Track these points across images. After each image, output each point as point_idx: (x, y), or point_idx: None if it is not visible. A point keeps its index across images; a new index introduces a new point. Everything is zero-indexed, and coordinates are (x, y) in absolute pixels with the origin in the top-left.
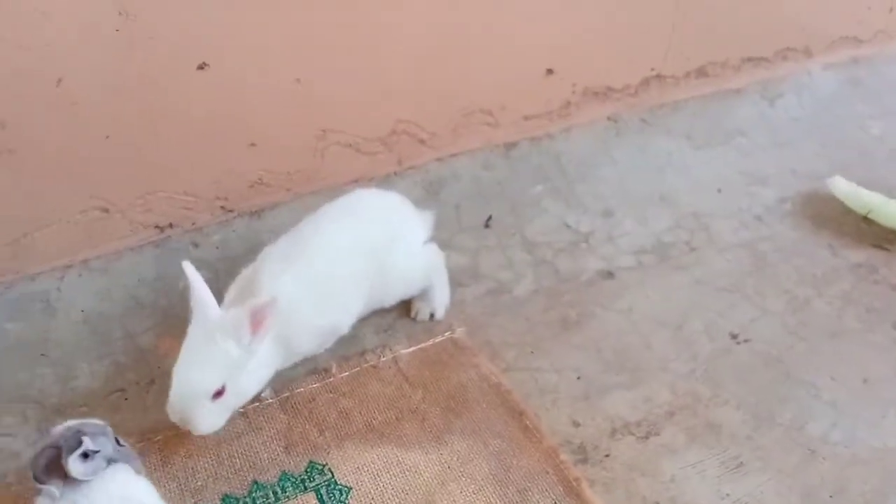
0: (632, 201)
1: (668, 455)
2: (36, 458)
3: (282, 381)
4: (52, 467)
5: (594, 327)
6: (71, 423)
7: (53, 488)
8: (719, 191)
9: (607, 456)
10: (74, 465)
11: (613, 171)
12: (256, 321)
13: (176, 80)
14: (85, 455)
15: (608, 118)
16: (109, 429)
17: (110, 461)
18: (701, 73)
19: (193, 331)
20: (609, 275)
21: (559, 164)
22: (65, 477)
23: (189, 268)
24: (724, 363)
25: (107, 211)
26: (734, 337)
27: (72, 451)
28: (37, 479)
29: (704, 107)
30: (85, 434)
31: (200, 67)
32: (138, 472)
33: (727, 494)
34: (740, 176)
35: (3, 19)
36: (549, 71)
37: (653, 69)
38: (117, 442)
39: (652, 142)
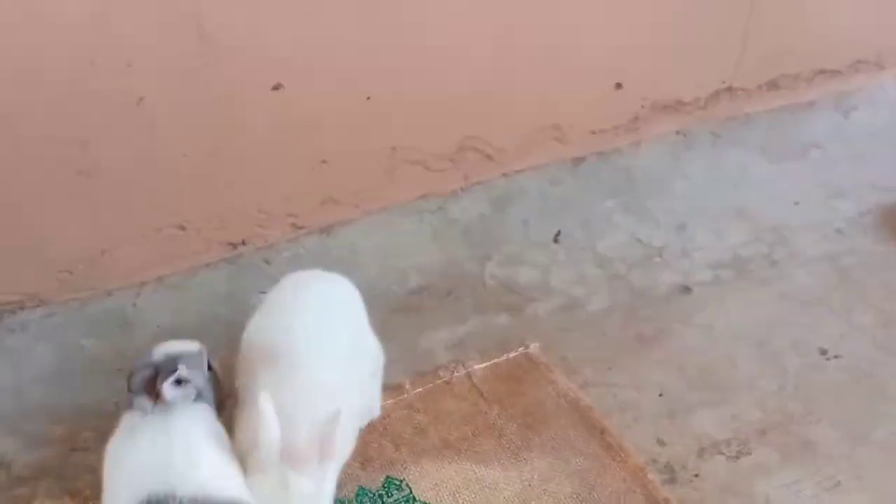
0: (706, 215)
1: (761, 475)
2: (133, 374)
3: None
4: (147, 386)
5: (674, 343)
6: (172, 345)
7: (146, 402)
8: (797, 204)
9: (696, 476)
10: (168, 389)
11: (685, 186)
12: (327, 444)
13: (251, 100)
14: (178, 381)
15: (677, 132)
16: (205, 350)
17: (199, 394)
18: (773, 85)
19: (257, 477)
20: (686, 289)
21: (629, 178)
22: (156, 398)
23: (266, 402)
24: (815, 380)
25: (183, 228)
26: (823, 353)
27: (167, 375)
28: (130, 391)
29: (777, 120)
30: (181, 362)
31: (275, 88)
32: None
33: None
34: (818, 189)
35: (86, 41)
36: (618, 85)
37: (723, 82)
38: (209, 366)
39: (724, 155)
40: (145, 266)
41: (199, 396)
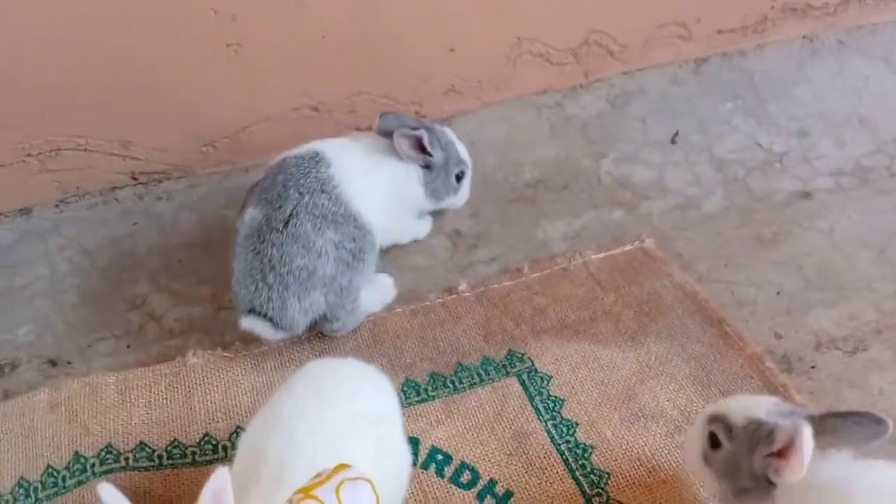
0: (828, 123)
1: (876, 370)
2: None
3: (475, 277)
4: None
5: (792, 245)
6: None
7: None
8: None
9: (813, 367)
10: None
11: (808, 92)
12: None
13: None
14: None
15: (804, 37)
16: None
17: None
18: None
19: None
20: (806, 195)
21: (751, 81)
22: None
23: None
24: None
25: (316, 110)
26: None
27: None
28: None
29: None
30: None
31: None
32: None
33: None
34: None
35: None
36: None
37: None
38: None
39: (849, 64)
40: (280, 145)
41: None
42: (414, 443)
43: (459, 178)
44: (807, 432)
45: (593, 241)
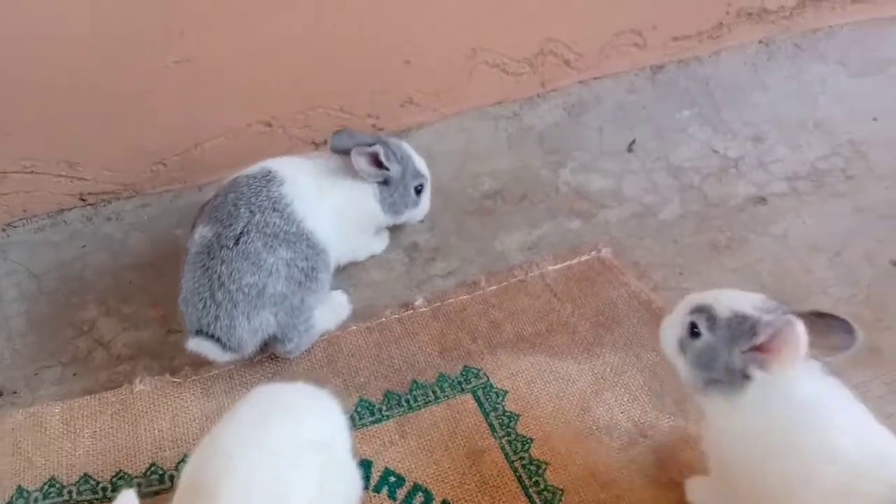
0: (784, 127)
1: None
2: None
3: (432, 292)
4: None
5: (747, 251)
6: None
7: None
8: (875, 119)
9: None
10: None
11: (764, 97)
12: None
13: None
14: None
15: (760, 42)
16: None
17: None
18: None
19: None
20: (761, 200)
21: (707, 88)
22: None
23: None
24: (887, 289)
25: (270, 125)
26: (895, 264)
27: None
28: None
29: (859, 34)
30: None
31: None
32: None
33: (891, 414)
34: None
35: None
36: None
37: None
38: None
39: (805, 68)
40: (234, 162)
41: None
42: (366, 465)
43: (419, 190)
44: (800, 326)
45: (551, 251)
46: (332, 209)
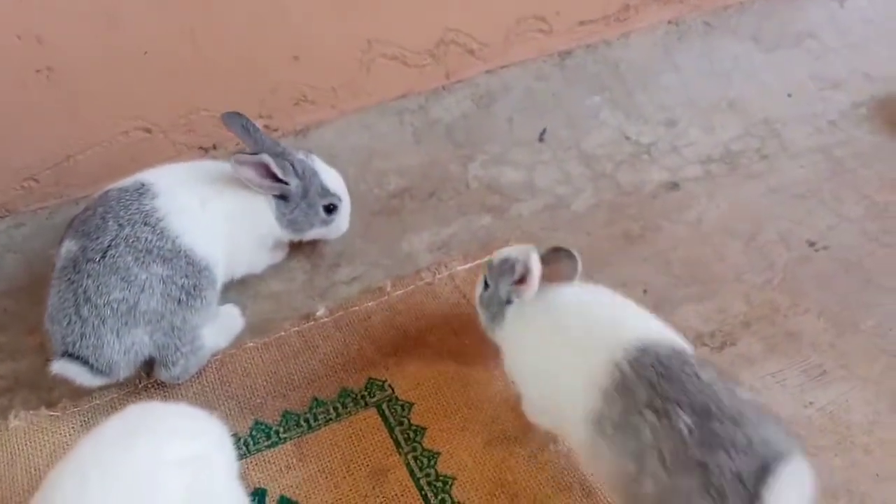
0: (697, 109)
1: (745, 365)
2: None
3: (335, 301)
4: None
5: (660, 240)
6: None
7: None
8: (790, 96)
9: None
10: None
11: (676, 79)
12: None
13: None
14: None
15: (669, 22)
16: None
17: None
18: None
19: None
20: (674, 186)
21: (617, 72)
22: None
23: None
24: (803, 272)
25: (149, 132)
26: (812, 244)
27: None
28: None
29: (771, 8)
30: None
31: None
32: None
33: (810, 402)
34: (811, 80)
35: None
36: None
37: None
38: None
39: (717, 46)
40: (113, 172)
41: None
42: (260, 494)
43: (329, 209)
44: (535, 257)
45: (461, 250)
46: (220, 219)
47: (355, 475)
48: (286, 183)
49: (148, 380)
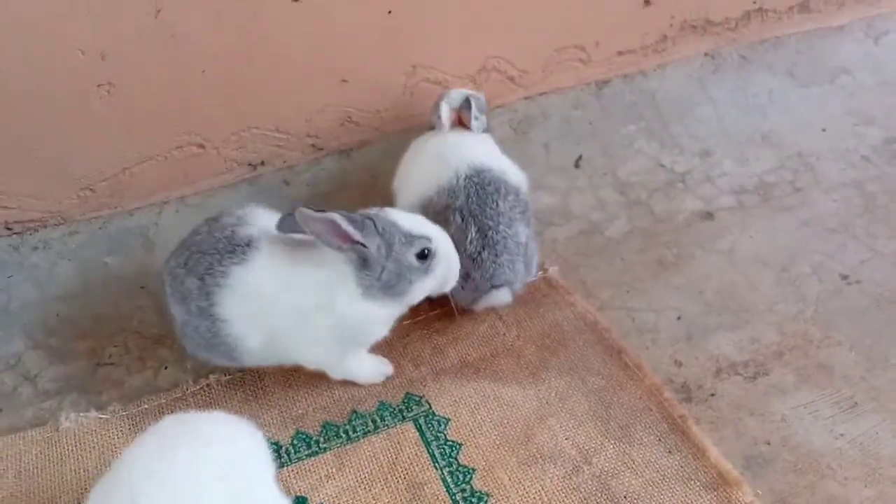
0: (731, 141)
1: (777, 395)
2: None
3: None
4: None
5: (694, 268)
6: None
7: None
8: (824, 130)
9: (713, 395)
10: None
11: (711, 110)
12: None
13: (272, 13)
14: None
15: (705, 54)
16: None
17: None
18: (804, 7)
19: None
20: (708, 215)
21: (653, 102)
22: None
23: None
24: (835, 305)
25: (202, 147)
26: (844, 278)
27: None
28: None
29: (807, 44)
30: None
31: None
32: None
33: (841, 434)
34: (845, 115)
35: None
36: (647, 2)
37: (755, 2)
38: None
39: (752, 79)
40: (166, 185)
41: None
42: (302, 502)
43: (424, 256)
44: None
45: None
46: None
47: (392, 487)
48: (365, 246)
49: (195, 386)
